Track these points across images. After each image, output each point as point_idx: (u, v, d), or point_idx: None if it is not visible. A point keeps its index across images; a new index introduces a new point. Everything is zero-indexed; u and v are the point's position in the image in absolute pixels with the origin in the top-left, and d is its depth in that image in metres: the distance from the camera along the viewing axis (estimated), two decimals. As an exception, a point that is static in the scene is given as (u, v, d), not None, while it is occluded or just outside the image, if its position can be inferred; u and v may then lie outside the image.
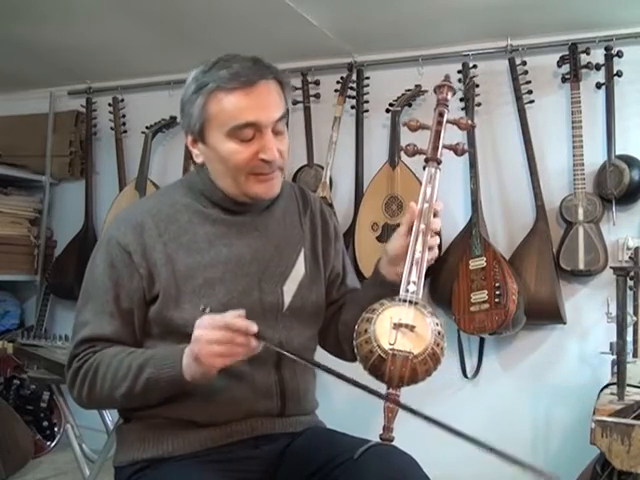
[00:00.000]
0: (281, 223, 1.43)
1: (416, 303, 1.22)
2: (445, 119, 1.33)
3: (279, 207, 1.44)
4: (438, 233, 1.31)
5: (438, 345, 1.21)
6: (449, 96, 1.35)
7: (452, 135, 1.37)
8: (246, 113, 1.27)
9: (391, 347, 1.16)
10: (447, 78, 1.37)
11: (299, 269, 1.41)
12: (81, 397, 1.32)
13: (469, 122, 1.36)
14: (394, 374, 1.16)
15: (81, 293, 1.37)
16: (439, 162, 1.31)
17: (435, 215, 1.29)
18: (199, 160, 1.36)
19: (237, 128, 1.27)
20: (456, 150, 1.35)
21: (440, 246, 2.69)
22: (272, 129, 1.30)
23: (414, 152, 1.33)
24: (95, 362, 1.29)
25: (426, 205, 1.29)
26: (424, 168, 1.31)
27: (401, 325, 1.18)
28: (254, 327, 1.16)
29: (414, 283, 1.23)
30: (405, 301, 1.22)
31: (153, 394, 1.27)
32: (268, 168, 1.31)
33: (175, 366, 1.22)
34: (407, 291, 1.23)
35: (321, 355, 1.51)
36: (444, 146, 1.32)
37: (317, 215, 1.49)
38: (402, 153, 1.34)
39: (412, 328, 1.19)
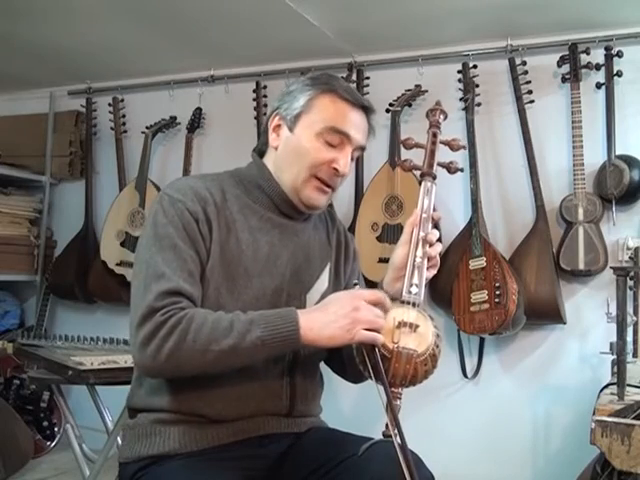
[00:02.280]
0: (312, 236, 1.48)
1: (418, 305, 1.25)
2: (438, 139, 1.41)
3: (312, 222, 1.50)
4: (439, 240, 1.36)
5: (437, 347, 1.25)
6: (441, 119, 1.44)
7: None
8: (346, 123, 1.37)
9: (396, 345, 1.18)
10: (439, 103, 1.46)
11: (323, 281, 1.46)
12: (158, 355, 1.20)
13: (460, 143, 1.44)
14: (398, 371, 1.18)
15: (148, 249, 1.29)
16: (434, 177, 1.38)
17: (436, 226, 1.36)
18: (275, 144, 1.42)
19: (332, 130, 1.36)
20: (449, 169, 1.43)
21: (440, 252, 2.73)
22: (351, 151, 1.39)
23: (411, 168, 1.42)
24: (187, 315, 1.21)
25: (424, 215, 1.34)
26: (420, 183, 1.39)
27: (405, 324, 1.21)
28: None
29: (416, 286, 1.27)
30: (408, 302, 1.26)
31: (256, 355, 1.23)
32: (332, 180, 1.38)
33: (292, 326, 1.21)
34: (410, 293, 1.27)
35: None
36: (439, 164, 1.40)
37: (342, 236, 1.56)
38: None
39: (415, 328, 1.22)
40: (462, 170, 1.46)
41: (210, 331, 1.20)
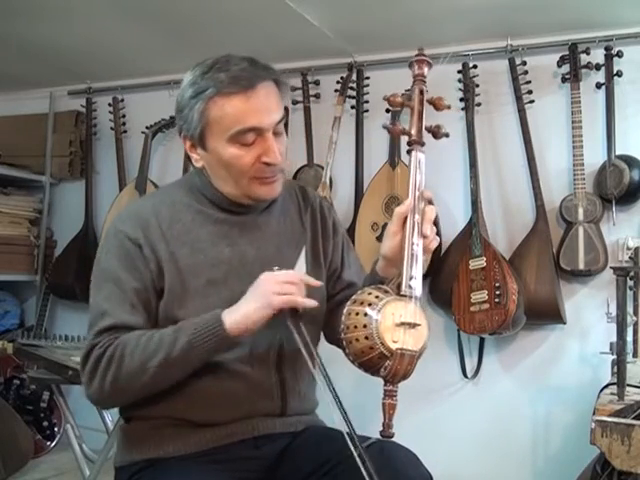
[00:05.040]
0: (281, 222, 1.43)
1: (417, 299, 1.20)
2: (425, 97, 1.28)
3: (279, 206, 1.44)
4: (436, 224, 1.28)
5: (428, 339, 1.21)
6: (425, 71, 1.30)
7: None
8: (248, 118, 1.26)
9: (398, 346, 1.16)
10: (422, 51, 1.33)
11: (300, 268, 1.40)
12: (103, 387, 1.24)
13: (445, 103, 1.30)
14: (399, 372, 1.16)
15: (93, 287, 1.34)
16: (423, 144, 1.27)
17: (430, 202, 1.25)
18: (199, 165, 1.35)
19: (239, 133, 1.26)
20: (436, 133, 1.29)
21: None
22: (272, 131, 1.29)
23: (399, 132, 1.28)
24: (121, 342, 1.24)
25: (417, 194, 1.24)
26: (408, 152, 1.27)
27: (409, 324, 1.18)
28: (318, 283, 1.30)
29: (415, 279, 1.21)
30: (409, 297, 1.20)
31: (190, 361, 1.23)
32: (271, 171, 1.31)
33: (216, 323, 1.22)
34: (410, 287, 1.20)
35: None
36: (425, 128, 1.27)
37: (317, 212, 1.49)
38: (385, 130, 1.29)
39: (416, 326, 1.18)
40: (448, 135, 1.30)
41: (143, 351, 1.23)
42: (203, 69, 1.29)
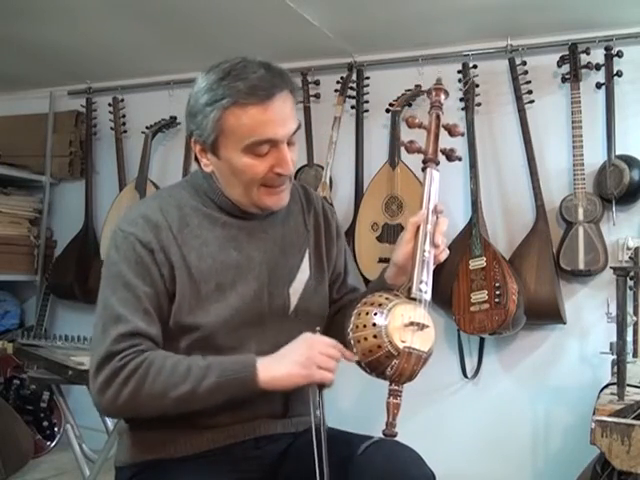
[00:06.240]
0: (285, 224, 1.43)
1: (426, 303, 1.23)
2: (441, 122, 1.35)
3: (282, 210, 1.43)
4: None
5: (434, 344, 1.23)
6: (442, 98, 1.37)
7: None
8: (265, 129, 1.25)
9: (406, 345, 1.18)
10: (439, 81, 1.40)
11: (304, 271, 1.41)
12: (116, 400, 1.21)
13: (460, 130, 1.38)
14: (406, 371, 1.18)
15: (105, 288, 1.28)
16: (438, 163, 1.33)
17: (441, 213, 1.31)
18: (208, 169, 1.34)
19: (254, 144, 1.25)
20: (450, 156, 1.37)
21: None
22: (286, 142, 1.29)
23: (415, 150, 1.33)
24: (146, 360, 1.21)
25: (431, 206, 1.30)
26: (423, 170, 1.33)
27: (418, 324, 1.19)
28: (355, 357, 1.23)
29: (425, 283, 1.25)
30: (419, 300, 1.22)
31: (214, 399, 1.23)
32: (281, 180, 1.31)
33: (249, 373, 1.21)
34: (420, 290, 1.23)
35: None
36: (440, 150, 1.34)
37: (320, 214, 1.49)
38: (402, 148, 1.34)
39: (423, 327, 1.20)
40: (461, 159, 1.40)
41: (167, 377, 1.20)
42: (219, 75, 1.27)
